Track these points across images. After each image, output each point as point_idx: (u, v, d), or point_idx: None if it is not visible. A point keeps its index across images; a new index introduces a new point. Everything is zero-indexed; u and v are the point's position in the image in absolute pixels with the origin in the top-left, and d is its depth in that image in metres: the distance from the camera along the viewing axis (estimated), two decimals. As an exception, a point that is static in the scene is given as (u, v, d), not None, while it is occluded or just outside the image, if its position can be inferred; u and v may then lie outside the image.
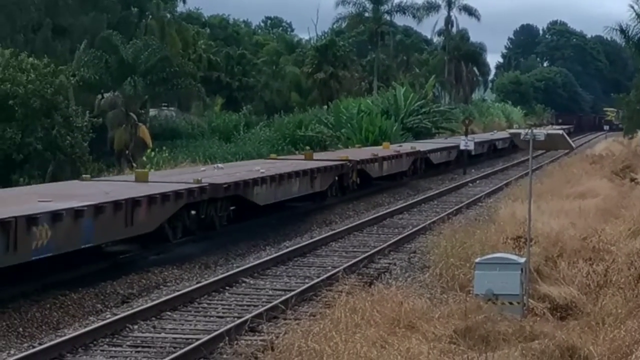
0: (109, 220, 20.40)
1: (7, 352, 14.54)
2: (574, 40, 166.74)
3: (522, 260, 16.66)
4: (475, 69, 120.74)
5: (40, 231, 17.51)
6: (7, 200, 20.40)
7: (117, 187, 24.91)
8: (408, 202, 37.17)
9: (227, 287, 19.58)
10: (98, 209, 19.79)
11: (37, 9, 66.64)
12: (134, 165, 44.80)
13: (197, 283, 19.74)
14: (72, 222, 18.76)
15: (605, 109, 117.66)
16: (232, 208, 27.98)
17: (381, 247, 24.83)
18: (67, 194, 22.19)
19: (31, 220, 17.18)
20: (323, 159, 38.30)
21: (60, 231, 18.29)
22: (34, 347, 14.60)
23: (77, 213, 18.86)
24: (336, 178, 36.15)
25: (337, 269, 20.58)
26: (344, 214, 34.04)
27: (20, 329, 16.08)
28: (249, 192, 27.86)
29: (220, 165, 35.16)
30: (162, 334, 15.56)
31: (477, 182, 47.83)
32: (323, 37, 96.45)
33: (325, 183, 34.76)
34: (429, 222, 29.75)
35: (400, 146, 48.96)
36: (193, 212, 25.21)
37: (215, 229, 26.56)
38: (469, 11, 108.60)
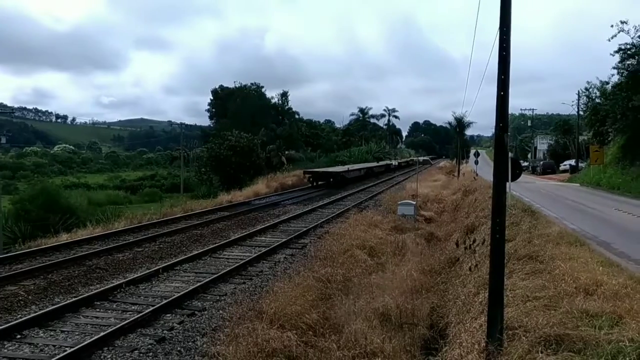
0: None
1: (238, 232, 14.35)
2: (433, 127, 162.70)
3: (414, 203, 16.51)
4: (398, 137, 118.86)
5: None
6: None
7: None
8: (374, 182, 36.53)
9: (312, 212, 19.16)
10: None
11: (245, 114, 67.06)
12: (280, 171, 44.73)
13: (301, 211, 19.34)
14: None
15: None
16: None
17: (364, 198, 24.37)
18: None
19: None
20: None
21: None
22: (262, 224, 14.35)
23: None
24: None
25: (349, 206, 20.40)
26: (349, 187, 33.13)
27: (256, 221, 15.69)
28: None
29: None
30: (290, 228, 15.34)
31: (398, 176, 47.14)
32: (345, 126, 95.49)
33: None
34: (382, 189, 29.28)
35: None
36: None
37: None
38: (396, 117, 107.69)
